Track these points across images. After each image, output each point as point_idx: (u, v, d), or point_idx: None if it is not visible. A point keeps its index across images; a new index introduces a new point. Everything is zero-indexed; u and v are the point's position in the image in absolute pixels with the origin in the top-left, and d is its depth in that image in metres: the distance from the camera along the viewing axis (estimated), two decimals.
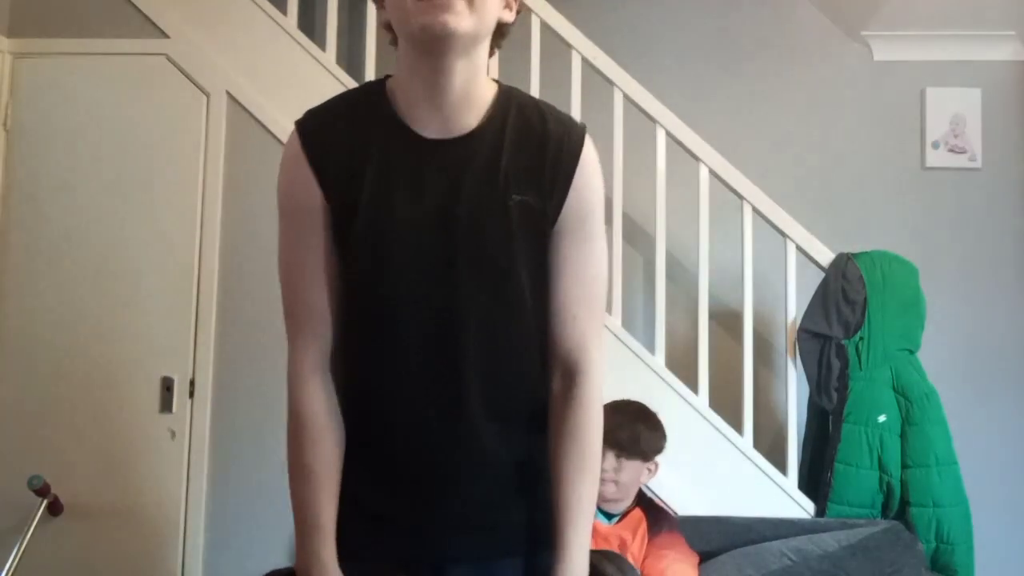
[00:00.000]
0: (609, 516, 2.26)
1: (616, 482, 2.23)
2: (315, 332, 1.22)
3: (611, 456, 2.22)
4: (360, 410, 1.25)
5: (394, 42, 1.21)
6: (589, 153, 1.22)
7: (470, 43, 1.14)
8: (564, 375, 1.24)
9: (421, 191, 1.17)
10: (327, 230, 1.19)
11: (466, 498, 1.23)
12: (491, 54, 1.23)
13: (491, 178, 1.17)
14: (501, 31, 1.21)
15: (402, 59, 1.19)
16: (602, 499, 2.23)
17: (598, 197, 1.24)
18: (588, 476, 1.23)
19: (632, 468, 2.26)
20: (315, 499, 1.21)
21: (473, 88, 1.18)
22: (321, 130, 1.21)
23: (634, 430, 2.27)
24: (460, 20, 1.09)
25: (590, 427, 1.23)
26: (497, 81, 1.25)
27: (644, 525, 2.27)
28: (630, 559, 2.21)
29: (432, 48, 1.12)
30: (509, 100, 1.23)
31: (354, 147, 1.18)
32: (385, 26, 1.20)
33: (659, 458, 2.31)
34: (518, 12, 1.22)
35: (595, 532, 2.26)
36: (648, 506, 2.33)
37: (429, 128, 1.18)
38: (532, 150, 1.19)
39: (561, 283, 1.22)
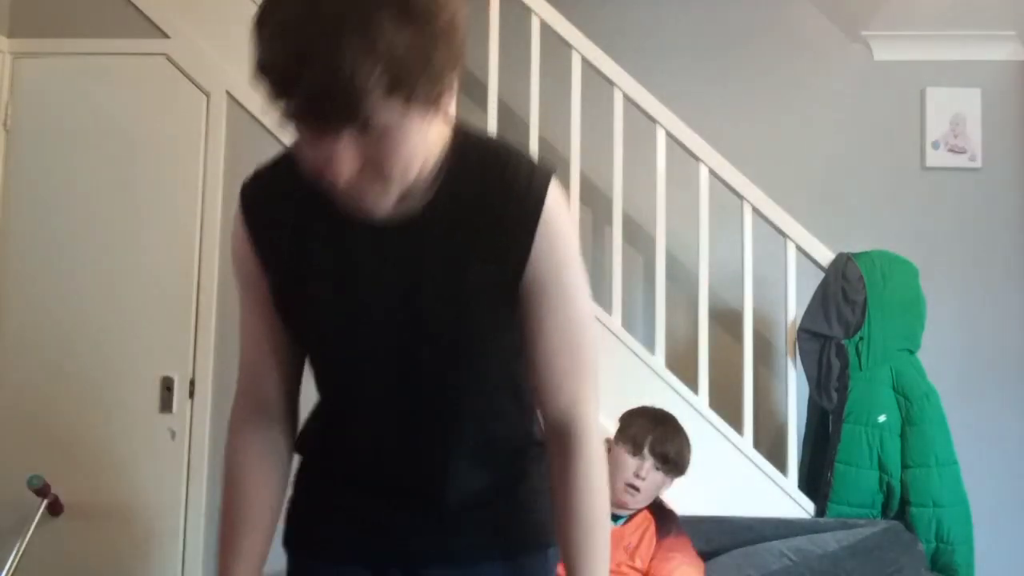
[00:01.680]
0: (617, 518, 2.26)
1: (640, 489, 2.24)
2: (246, 387, 1.28)
3: (657, 473, 2.25)
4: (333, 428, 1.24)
5: None
6: (553, 202, 1.08)
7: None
8: (559, 438, 1.16)
9: (377, 275, 1.10)
10: (265, 297, 1.18)
11: (442, 497, 1.19)
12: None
13: (449, 256, 1.08)
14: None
15: None
16: (622, 505, 2.24)
17: (569, 246, 1.12)
18: (596, 548, 1.15)
19: (667, 482, 2.29)
20: (226, 542, 1.21)
21: (415, 172, 1.02)
22: (261, 199, 1.17)
23: (680, 447, 2.30)
24: (379, 203, 1.01)
25: (592, 496, 1.15)
26: (453, 126, 1.10)
27: (652, 527, 2.27)
28: (637, 561, 2.21)
29: None
30: (462, 157, 1.08)
31: (295, 222, 1.13)
32: None
33: None
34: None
35: None
36: (656, 508, 2.32)
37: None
38: (489, 215, 1.07)
39: (544, 344, 1.13)
